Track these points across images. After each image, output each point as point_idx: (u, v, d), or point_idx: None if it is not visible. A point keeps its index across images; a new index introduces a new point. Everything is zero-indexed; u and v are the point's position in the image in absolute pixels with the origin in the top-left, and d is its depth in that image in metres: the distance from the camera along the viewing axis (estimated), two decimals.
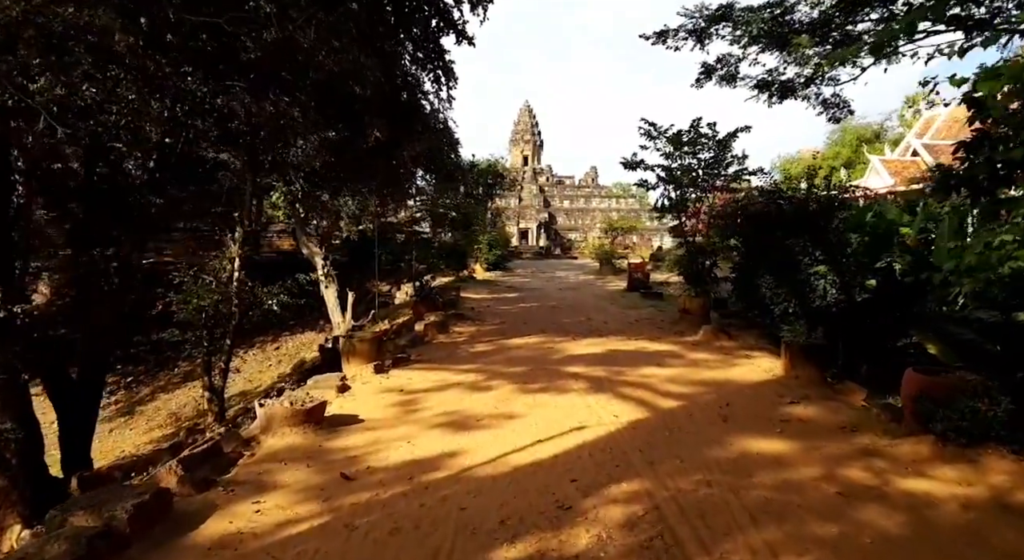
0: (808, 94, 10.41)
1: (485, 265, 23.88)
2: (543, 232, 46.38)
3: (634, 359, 8.04)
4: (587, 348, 8.83)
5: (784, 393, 6.33)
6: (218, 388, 13.53)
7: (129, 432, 15.81)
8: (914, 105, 47.20)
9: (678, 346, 9.05)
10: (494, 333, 10.34)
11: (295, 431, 4.73)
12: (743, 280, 11.09)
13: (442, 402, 5.84)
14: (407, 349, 8.65)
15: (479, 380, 6.76)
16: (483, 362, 7.80)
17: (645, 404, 5.81)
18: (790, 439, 4.82)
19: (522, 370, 7.27)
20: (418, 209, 11.74)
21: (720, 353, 8.57)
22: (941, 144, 27.71)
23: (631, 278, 17.46)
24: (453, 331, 10.38)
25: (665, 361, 7.93)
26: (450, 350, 8.77)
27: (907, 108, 49.38)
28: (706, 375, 7.14)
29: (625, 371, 7.25)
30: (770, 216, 10.83)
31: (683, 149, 11.83)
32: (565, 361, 7.86)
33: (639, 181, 12.09)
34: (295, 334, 20.34)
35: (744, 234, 11.08)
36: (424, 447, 4.61)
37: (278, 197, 12.57)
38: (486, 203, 25.36)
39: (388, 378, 6.78)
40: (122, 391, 17.80)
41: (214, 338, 13.50)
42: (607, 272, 23.31)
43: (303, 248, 18.94)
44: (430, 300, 11.40)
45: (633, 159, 12.02)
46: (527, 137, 54.58)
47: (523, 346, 9.02)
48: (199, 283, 13.34)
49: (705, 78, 10.77)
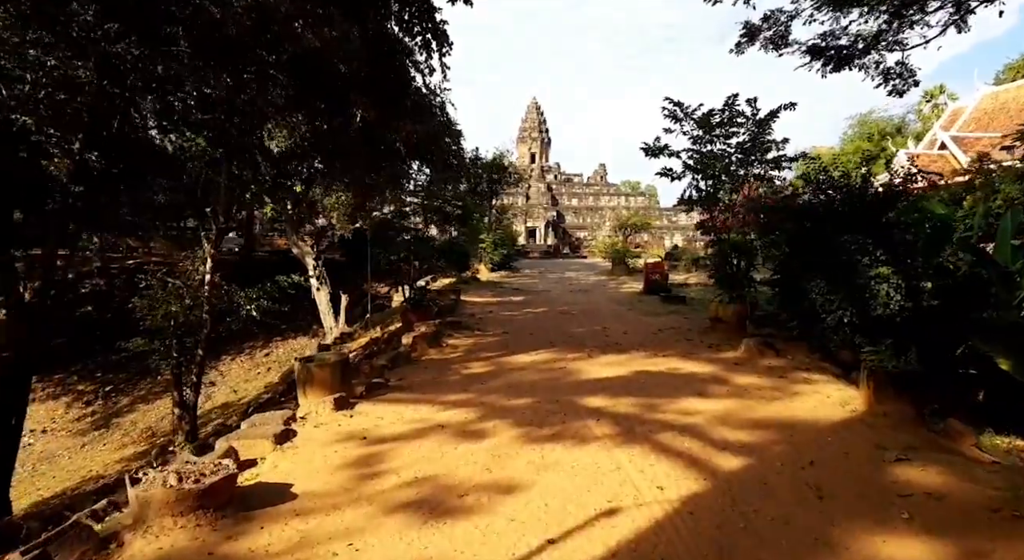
0: (867, 63, 8.67)
1: (490, 265, 22.19)
2: (551, 231, 44.70)
3: (668, 385, 6.32)
4: (607, 368, 7.13)
5: (880, 442, 4.61)
6: (189, 404, 11.96)
7: (102, 448, 14.30)
8: (932, 99, 45.35)
9: (717, 366, 7.33)
10: (495, 347, 8.66)
11: (183, 522, 3.07)
12: (787, 284, 9.35)
13: (415, 459, 4.16)
14: (387, 370, 6.98)
15: (470, 420, 5.07)
16: (478, 390, 6.11)
17: (698, 464, 4.10)
18: (931, 537, 3.11)
19: (527, 403, 5.58)
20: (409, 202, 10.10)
21: (771, 376, 6.84)
22: (970, 137, 26.36)
23: (648, 279, 15.71)
24: (447, 345, 8.70)
25: (707, 389, 6.21)
26: (440, 371, 7.09)
27: (924, 102, 47.57)
28: (765, 411, 5.43)
29: (659, 404, 5.54)
30: (821, 209, 9.18)
31: (713, 133, 10.09)
32: (581, 388, 6.17)
33: (663, 170, 10.35)
34: (287, 339, 18.76)
35: (789, 230, 9.37)
36: (374, 554, 2.95)
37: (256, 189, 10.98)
38: (491, 199, 23.64)
39: (352, 417, 5.11)
40: (99, 401, 16.31)
41: (184, 348, 11.94)
42: (620, 272, 21.54)
43: (293, 247, 17.34)
44: (422, 307, 9.74)
45: (656, 145, 10.28)
46: (535, 134, 52.89)
47: (529, 366, 7.33)
48: (168, 287, 11.80)
49: (747, 41, 8.99)
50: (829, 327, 8.26)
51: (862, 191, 8.76)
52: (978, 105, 31.21)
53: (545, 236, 44.34)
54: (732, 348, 8.44)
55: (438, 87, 11.98)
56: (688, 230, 47.39)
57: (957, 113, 31.55)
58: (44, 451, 14.26)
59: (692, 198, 10.35)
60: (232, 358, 17.81)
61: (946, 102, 41.36)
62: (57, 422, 15.42)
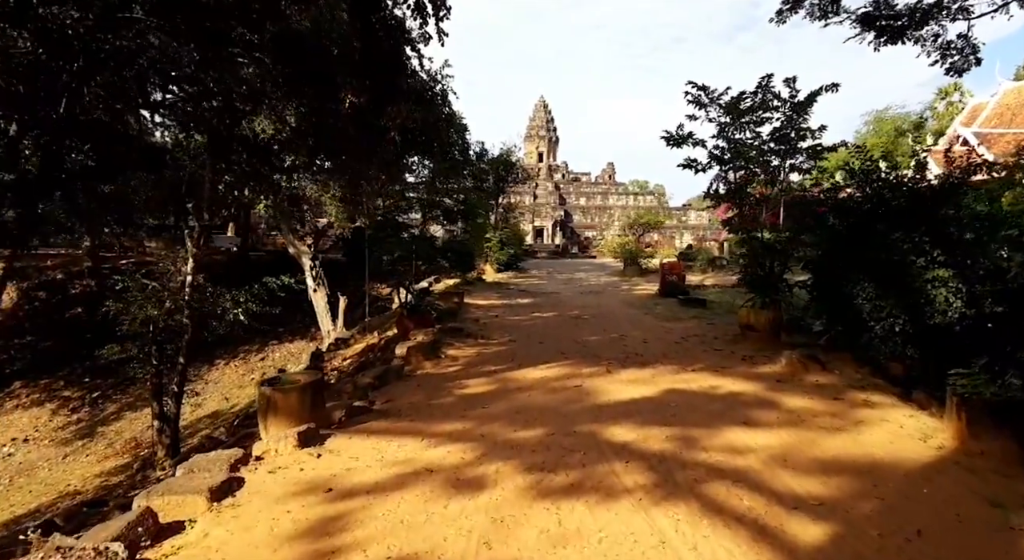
0: (924, 35, 7.55)
1: (496, 266, 21.14)
2: (559, 230, 43.63)
3: (705, 410, 5.26)
4: (630, 387, 6.06)
5: (993, 495, 3.55)
6: (171, 415, 10.99)
7: (84, 460, 13.38)
8: (947, 97, 44.15)
9: (758, 384, 6.24)
10: (500, 359, 7.61)
11: None
12: (827, 288, 8.28)
13: (391, 526, 3.13)
14: (373, 389, 5.95)
15: (466, 461, 4.03)
16: (478, 417, 5.07)
17: (767, 535, 3.04)
18: None
19: (537, 436, 4.53)
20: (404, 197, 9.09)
21: (824, 397, 5.75)
22: (993, 133, 25.45)
23: (664, 280, 14.61)
24: (446, 356, 7.67)
25: (754, 415, 5.14)
26: (435, 390, 6.04)
27: (940, 100, 46.36)
28: (832, 447, 4.35)
29: (700, 438, 4.48)
30: (868, 204, 8.14)
31: (742, 119, 9.00)
32: (602, 414, 5.11)
33: (686, 161, 9.25)
34: (283, 343, 17.81)
35: (830, 227, 8.31)
36: None
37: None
38: (497, 197, 22.57)
39: (319, 457, 4.07)
40: (86, 408, 15.40)
41: (165, 355, 10.99)
42: (632, 273, 20.42)
43: (289, 247, 16.40)
44: (420, 313, 8.70)
45: (679, 133, 9.19)
46: (542, 133, 51.86)
47: (538, 383, 6.27)
48: (147, 289, 10.85)
49: (791, 8, 7.87)
50: (877, 336, 7.22)
51: (916, 183, 7.70)
52: (1000, 100, 30.08)
53: (553, 235, 43.29)
54: (769, 360, 7.37)
55: (439, 74, 10.97)
56: (698, 229, 46.18)
57: (978, 109, 30.54)
58: (24, 462, 13.37)
59: (719, 192, 9.27)
60: (226, 363, 16.88)
61: (960, 99, 40.06)
62: (40, 430, 14.54)
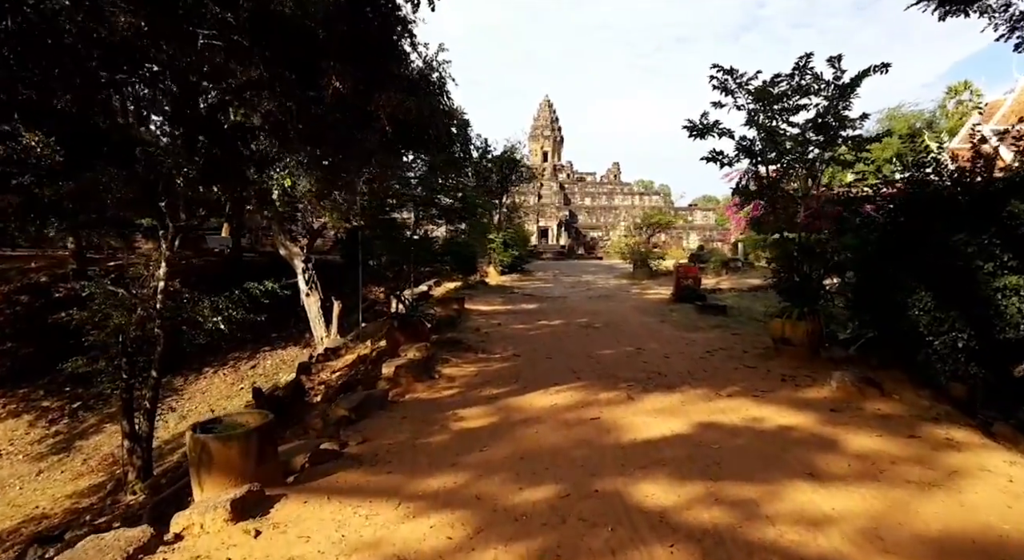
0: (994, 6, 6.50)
1: (499, 268, 20.08)
2: (564, 230, 42.56)
3: (755, 454, 4.19)
4: (657, 420, 5.00)
5: None
6: (142, 435, 9.99)
7: (58, 477, 12.40)
8: (956, 95, 43.15)
9: (810, 414, 5.17)
10: (503, 379, 6.55)
11: None
12: (873, 296, 7.21)
13: None
14: (349, 424, 4.90)
15: (453, 543, 2.97)
16: (473, 467, 4.00)
17: None
18: None
19: (548, 500, 3.47)
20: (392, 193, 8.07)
21: (894, 433, 4.68)
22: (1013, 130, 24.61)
23: (679, 285, 13.52)
24: (441, 375, 6.62)
25: (817, 461, 4.06)
26: (423, 424, 4.98)
27: (949, 98, 45.37)
28: (934, 515, 3.28)
29: (760, 502, 3.41)
30: (924, 199, 7.10)
31: (775, 106, 7.91)
32: (629, 463, 4.04)
33: (711, 154, 8.17)
34: (276, 349, 16.80)
35: (878, 227, 7.25)
36: None
37: None
38: (501, 197, 21.50)
39: (256, 537, 3.01)
40: (65, 419, 14.44)
41: (136, 368, 9.99)
42: (642, 276, 19.32)
43: (281, 248, 15.39)
44: (413, 324, 7.64)
45: (703, 122, 8.11)
46: (547, 132, 50.77)
47: (547, 414, 5.21)
48: (116, 296, 9.85)
49: None
50: (936, 353, 6.16)
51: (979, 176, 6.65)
52: (1018, 97, 29.09)
53: (558, 236, 42.23)
54: (813, 381, 6.30)
55: (434, 60, 9.92)
56: (704, 230, 44.94)
57: (995, 106, 29.78)
58: None
59: (747, 188, 8.19)
60: (214, 371, 15.88)
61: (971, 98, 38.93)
62: (15, 444, 13.58)
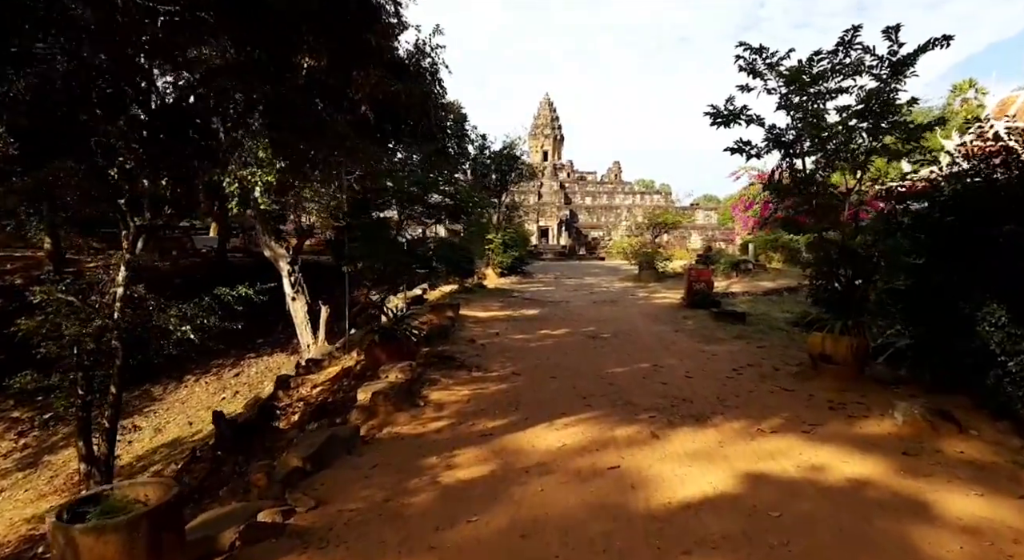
0: None
1: (498, 269, 19.02)
2: (564, 230, 41.55)
3: (831, 528, 3.13)
4: (692, 469, 3.94)
5: None
6: (101, 457, 8.94)
7: (21, 496, 11.35)
8: (960, 94, 42.45)
9: (879, 459, 4.12)
10: (499, 407, 5.49)
11: None
12: (928, 307, 6.18)
13: None
14: (303, 478, 3.84)
15: None
16: (458, 552, 2.95)
17: None
18: None
19: None
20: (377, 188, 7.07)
21: (998, 490, 3.63)
22: None
23: (691, 289, 12.48)
24: (427, 402, 5.56)
25: (916, 541, 3.01)
26: (399, 476, 3.93)
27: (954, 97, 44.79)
28: None
29: None
30: (997, 195, 6.11)
31: (810, 89, 6.84)
32: (665, 547, 2.95)
33: (736, 144, 7.12)
34: (262, 356, 15.74)
35: (936, 227, 6.25)
36: None
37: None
38: (500, 195, 20.42)
39: None
40: (35, 432, 13.39)
41: (92, 384, 8.94)
42: (648, 278, 18.25)
43: (265, 250, 14.32)
44: (396, 339, 6.58)
45: (728, 108, 7.06)
46: (547, 131, 49.79)
47: (554, 461, 4.14)
48: (72, 305, 8.80)
49: None
50: (1011, 376, 5.16)
51: None
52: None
53: (558, 236, 41.22)
54: (868, 410, 5.27)
55: (426, 43, 8.89)
56: (706, 230, 43.88)
57: (1007, 103, 28.88)
58: None
59: (778, 183, 7.14)
60: (196, 379, 14.82)
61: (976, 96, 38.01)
62: None
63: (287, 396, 9.18)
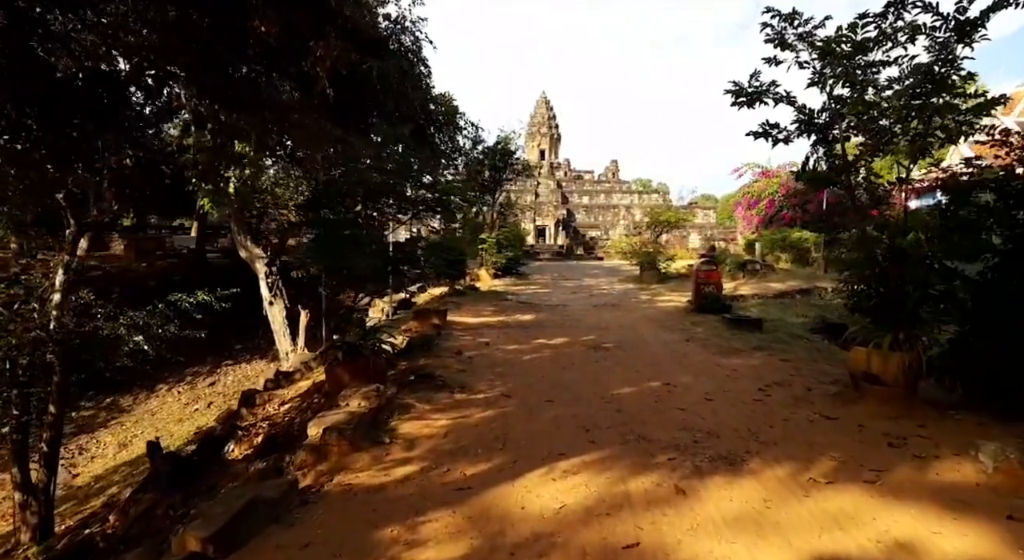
0: None
1: (492, 270, 17.95)
2: (562, 229, 40.51)
3: None
4: (737, 547, 2.89)
5: None
6: (39, 485, 7.86)
7: None
8: None
9: (983, 530, 3.05)
10: (482, 445, 4.42)
11: None
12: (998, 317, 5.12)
13: None
14: (211, 555, 2.77)
15: None
16: None
17: None
18: None
19: None
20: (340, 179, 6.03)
21: None
22: None
23: (699, 291, 11.42)
24: (395, 438, 4.48)
25: None
26: (345, 558, 2.89)
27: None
28: None
29: None
30: None
31: (846, 63, 5.77)
32: None
33: (762, 127, 6.07)
34: (239, 363, 14.64)
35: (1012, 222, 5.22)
36: None
37: None
38: (494, 193, 19.34)
39: None
40: None
41: (29, 403, 7.86)
42: (650, 279, 17.19)
43: (241, 250, 13.21)
44: (361, 356, 5.49)
45: (752, 85, 6.02)
46: (544, 130, 48.67)
47: (552, 535, 3.05)
48: None
49: None
50: None
51: None
52: None
53: (555, 235, 40.19)
54: (937, 447, 4.19)
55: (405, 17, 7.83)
56: (706, 229, 42.81)
57: (1016, 98, 28.61)
58: None
59: (814, 170, 6.08)
60: (168, 388, 13.72)
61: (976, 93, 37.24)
62: None
63: (251, 414, 8.10)
